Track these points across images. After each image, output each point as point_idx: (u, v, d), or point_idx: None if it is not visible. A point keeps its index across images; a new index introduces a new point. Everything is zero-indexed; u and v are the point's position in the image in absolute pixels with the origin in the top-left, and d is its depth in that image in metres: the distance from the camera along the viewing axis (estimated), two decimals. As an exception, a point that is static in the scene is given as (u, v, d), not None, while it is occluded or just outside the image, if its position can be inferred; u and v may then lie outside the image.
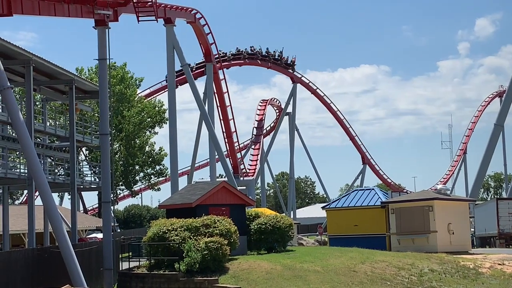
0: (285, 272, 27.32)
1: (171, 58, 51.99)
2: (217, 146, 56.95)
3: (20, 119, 26.71)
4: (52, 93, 43.68)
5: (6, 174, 35.92)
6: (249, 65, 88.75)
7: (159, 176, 70.69)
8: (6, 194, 42.69)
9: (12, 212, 45.56)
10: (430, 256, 33.11)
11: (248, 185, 78.93)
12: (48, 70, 38.22)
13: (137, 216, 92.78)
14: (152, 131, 69.05)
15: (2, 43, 31.35)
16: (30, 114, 34.81)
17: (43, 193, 27.02)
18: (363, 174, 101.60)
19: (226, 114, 71.34)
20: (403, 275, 28.66)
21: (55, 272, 29.13)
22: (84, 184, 46.29)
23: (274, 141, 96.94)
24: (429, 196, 41.54)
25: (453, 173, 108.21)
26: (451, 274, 30.24)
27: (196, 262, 27.42)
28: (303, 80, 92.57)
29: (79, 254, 29.51)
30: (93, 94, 44.56)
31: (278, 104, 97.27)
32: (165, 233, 29.21)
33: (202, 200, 31.73)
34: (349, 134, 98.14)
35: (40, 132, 42.23)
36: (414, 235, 39.53)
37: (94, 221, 62.54)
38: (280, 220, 33.70)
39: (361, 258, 30.28)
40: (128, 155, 64.80)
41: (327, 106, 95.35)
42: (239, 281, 26.54)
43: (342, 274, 27.56)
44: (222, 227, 29.21)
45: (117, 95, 63.34)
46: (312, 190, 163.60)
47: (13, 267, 27.39)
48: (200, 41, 63.15)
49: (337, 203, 46.05)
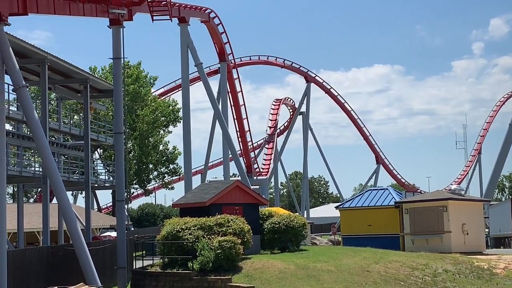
0: (299, 272, 27.30)
1: (185, 57, 52.02)
2: (231, 145, 56.94)
3: (35, 117, 26.84)
4: (67, 92, 43.88)
5: (21, 173, 36.12)
6: (263, 64, 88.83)
7: (172, 175, 70.77)
8: (21, 192, 42.93)
9: (26, 210, 45.81)
10: (444, 257, 32.99)
11: (262, 185, 78.93)
12: (63, 69, 38.40)
13: (150, 214, 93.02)
14: (166, 130, 69.15)
15: (18, 42, 31.52)
16: (45, 113, 34.99)
17: (58, 191, 27.13)
18: (377, 174, 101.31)
19: (239, 113, 71.36)
20: (417, 275, 28.57)
21: (69, 270, 29.25)
22: (98, 183, 46.47)
23: (287, 140, 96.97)
24: (443, 196, 41.39)
25: (467, 173, 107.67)
26: (465, 275, 30.11)
27: (210, 261, 27.45)
28: (317, 79, 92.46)
29: (93, 252, 29.62)
30: (108, 93, 44.74)
31: (292, 103, 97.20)
32: (178, 232, 29.27)
33: (216, 199, 31.76)
34: (363, 133, 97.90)
35: (54, 131, 42.47)
36: (428, 235, 39.40)
37: (108, 219, 62.76)
38: (293, 219, 33.68)
39: (375, 258, 30.21)
40: (142, 154, 64.94)
41: (341, 105, 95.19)
42: (252, 280, 26.54)
43: (356, 274, 27.50)
44: (236, 226, 29.23)
45: (131, 94, 63.50)
46: (326, 189, 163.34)
47: (27, 265, 27.54)
48: (214, 40, 63.19)
49: (350, 202, 45.98)
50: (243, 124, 72.67)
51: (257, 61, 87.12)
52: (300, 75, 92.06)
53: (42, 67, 35.11)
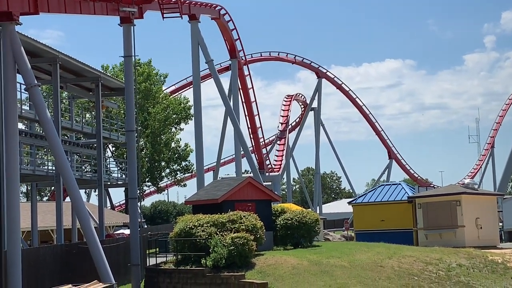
0: (312, 268, 27.28)
1: (196, 55, 52.04)
2: (243, 142, 56.93)
3: (47, 116, 26.93)
4: (79, 90, 44.02)
5: (34, 171, 36.29)
6: (274, 60, 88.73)
7: (185, 172, 70.88)
8: (34, 191, 43.12)
9: (40, 209, 46.03)
10: (458, 251, 32.88)
11: (274, 181, 78.86)
12: (74, 67, 38.52)
13: (163, 212, 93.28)
14: (178, 128, 69.27)
15: (29, 41, 31.65)
16: (57, 112, 35.13)
17: (71, 189, 27.22)
18: (389, 169, 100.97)
19: (251, 109, 71.31)
20: (430, 270, 28.49)
21: (83, 268, 29.36)
22: (111, 181, 46.63)
23: (299, 136, 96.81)
24: (457, 190, 41.25)
25: (480, 167, 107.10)
26: (479, 269, 30.00)
27: (223, 257, 27.48)
28: (328, 75, 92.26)
29: (107, 250, 29.71)
30: (119, 91, 44.84)
31: (303, 99, 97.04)
32: (191, 229, 29.31)
33: (228, 196, 31.78)
34: (375, 129, 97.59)
35: (67, 129, 42.62)
36: (442, 230, 39.29)
37: (121, 217, 62.97)
38: (306, 215, 33.66)
39: (388, 253, 30.15)
40: (154, 151, 65.07)
41: (353, 101, 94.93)
42: (265, 276, 26.55)
43: (369, 269, 27.46)
44: (248, 223, 29.24)
45: (142, 92, 63.63)
46: (338, 185, 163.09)
47: (41, 263, 27.67)
48: (225, 37, 63.15)
49: (363, 198, 45.90)
50: (254, 121, 72.60)
51: (268, 57, 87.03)
52: (311, 70, 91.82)
53: (54, 66, 35.24)
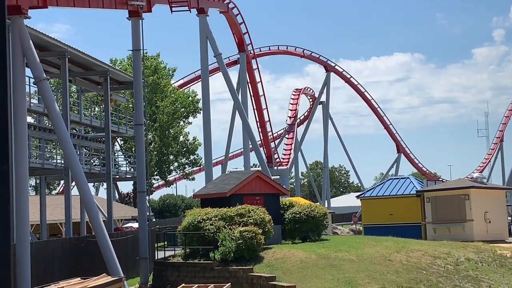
0: (320, 261, 27.28)
1: (205, 48, 51.99)
2: (251, 135, 56.88)
3: (56, 110, 26.99)
4: (87, 84, 44.11)
5: (43, 165, 36.41)
6: (282, 54, 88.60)
7: (193, 166, 70.99)
8: (43, 184, 43.28)
9: (49, 202, 46.19)
10: (466, 245, 32.81)
11: (282, 175, 78.83)
12: (83, 61, 38.58)
13: (172, 205, 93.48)
14: (186, 121, 69.35)
15: (38, 35, 31.70)
16: (66, 105, 35.21)
17: (80, 183, 27.30)
18: (398, 163, 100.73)
19: (259, 103, 71.26)
20: (439, 264, 28.44)
21: (92, 261, 29.46)
22: (119, 174, 46.74)
23: (307, 130, 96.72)
24: (465, 184, 41.15)
25: (489, 161, 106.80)
26: (487, 263, 29.93)
27: (231, 251, 27.50)
28: (336, 69, 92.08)
29: (115, 243, 29.80)
30: (128, 85, 44.92)
31: (312, 93, 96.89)
32: (199, 223, 29.34)
33: (236, 190, 31.79)
34: (384, 122, 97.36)
35: (76, 123, 42.75)
36: (450, 224, 39.22)
37: (129, 210, 63.13)
38: (314, 209, 33.64)
39: (396, 247, 30.11)
40: (162, 145, 65.19)
41: (361, 94, 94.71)
42: (274, 270, 26.56)
43: (377, 263, 27.43)
44: (257, 216, 29.23)
45: (151, 85, 63.71)
46: (347, 179, 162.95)
47: (50, 256, 27.78)
48: (233, 31, 63.09)
49: (371, 192, 45.86)
50: (263, 115, 72.57)
51: (276, 51, 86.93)
52: (319, 64, 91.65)
53: (63, 60, 35.31)
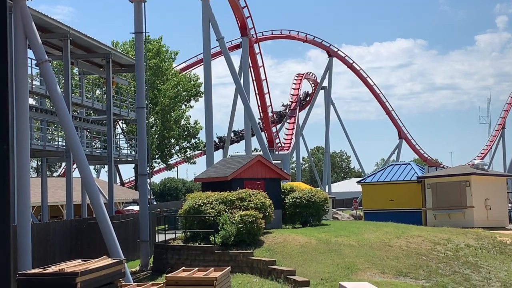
0: (320, 246, 27.36)
1: (207, 32, 51.83)
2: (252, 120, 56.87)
3: (58, 92, 26.96)
4: (89, 66, 44.04)
5: (45, 147, 36.44)
6: (285, 38, 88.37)
7: (194, 149, 71.03)
8: (45, 166, 43.35)
9: (50, 184, 46.30)
10: (467, 232, 32.89)
11: (283, 159, 78.85)
12: (85, 43, 38.49)
13: (173, 189, 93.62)
14: (188, 105, 69.29)
15: (40, 16, 31.62)
16: (68, 87, 35.17)
17: (81, 165, 27.31)
18: (399, 148, 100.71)
19: (261, 88, 71.18)
20: (438, 250, 28.51)
21: (93, 243, 29.57)
22: (120, 157, 46.78)
23: (309, 115, 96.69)
24: (466, 171, 41.18)
25: (491, 148, 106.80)
26: (487, 250, 30.00)
27: (231, 235, 27.56)
28: (339, 54, 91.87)
29: (116, 226, 29.88)
30: (130, 68, 44.84)
31: (314, 78, 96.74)
32: (200, 206, 29.39)
33: (237, 174, 31.82)
34: (386, 108, 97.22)
35: (77, 105, 42.70)
36: (451, 210, 39.29)
37: (130, 193, 63.25)
38: (315, 194, 33.70)
39: (397, 233, 30.19)
40: (163, 128, 65.19)
41: (363, 80, 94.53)
42: (274, 254, 26.64)
43: (377, 248, 27.51)
44: (257, 201, 29.27)
45: (152, 68, 63.60)
46: (348, 164, 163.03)
47: (51, 238, 27.88)
48: (236, 15, 62.91)
49: (372, 177, 45.90)
50: (264, 99, 72.51)
51: (278, 35, 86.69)
52: (322, 49, 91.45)
53: (65, 42, 35.24)
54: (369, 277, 23.74)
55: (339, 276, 23.59)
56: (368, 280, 22.61)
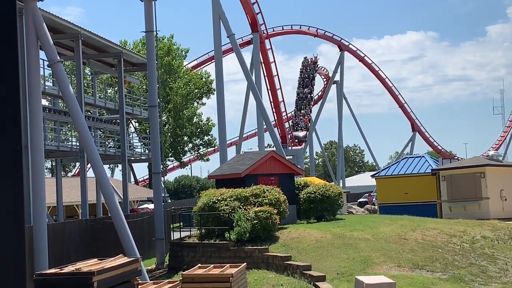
0: (335, 241, 27.31)
1: (217, 29, 51.81)
2: (265, 116, 56.81)
3: (70, 92, 27.06)
4: (101, 66, 44.18)
5: (59, 147, 36.61)
6: (295, 33, 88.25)
7: (207, 146, 71.12)
8: (59, 167, 43.54)
9: (65, 184, 46.51)
10: (482, 223, 32.71)
11: (297, 155, 78.71)
12: (96, 43, 38.62)
13: (187, 186, 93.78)
14: (200, 102, 69.39)
15: (51, 17, 31.73)
16: (80, 88, 35.31)
17: (95, 165, 27.41)
18: (413, 141, 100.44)
19: (273, 83, 71.09)
20: (454, 242, 28.40)
21: (108, 242, 29.67)
22: (134, 156, 46.92)
23: (322, 110, 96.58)
24: (481, 162, 40.98)
25: (505, 139, 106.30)
26: (503, 241, 29.85)
27: (246, 231, 27.56)
28: (350, 48, 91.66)
29: (132, 224, 29.98)
30: (141, 67, 44.96)
31: (326, 72, 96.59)
32: (215, 203, 29.40)
33: (251, 170, 31.81)
34: (398, 101, 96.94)
35: (90, 105, 42.86)
36: (466, 202, 39.11)
37: (145, 192, 63.42)
38: (329, 189, 33.63)
39: (412, 226, 30.08)
40: (176, 126, 65.31)
41: (375, 73, 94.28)
42: (289, 249, 26.63)
43: (393, 242, 27.43)
44: (271, 197, 29.25)
45: (164, 66, 63.71)
46: (361, 158, 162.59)
47: (67, 238, 28.01)
48: (246, 11, 62.84)
49: (386, 171, 45.75)
50: (276, 95, 72.43)
51: (289, 30, 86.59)
52: (333, 43, 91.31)
53: (76, 42, 35.36)
54: (385, 270, 23.69)
55: (355, 271, 23.55)
56: (384, 273, 22.57)
